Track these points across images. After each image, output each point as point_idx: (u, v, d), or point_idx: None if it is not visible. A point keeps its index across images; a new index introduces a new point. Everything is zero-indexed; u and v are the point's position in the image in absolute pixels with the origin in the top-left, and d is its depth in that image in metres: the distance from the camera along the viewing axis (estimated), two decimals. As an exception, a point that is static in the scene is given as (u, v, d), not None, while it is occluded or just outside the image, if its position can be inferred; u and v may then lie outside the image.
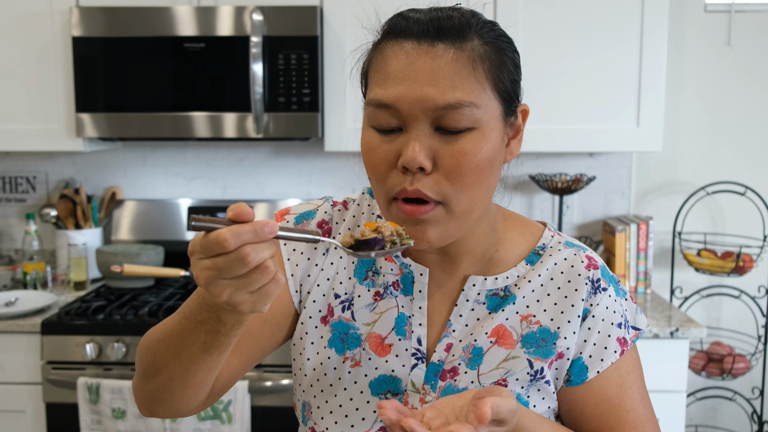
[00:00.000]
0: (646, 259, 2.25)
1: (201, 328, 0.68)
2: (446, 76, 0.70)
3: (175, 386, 0.75)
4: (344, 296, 0.83)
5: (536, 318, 0.80)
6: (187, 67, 2.07)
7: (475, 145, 0.71)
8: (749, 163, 2.42)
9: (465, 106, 0.70)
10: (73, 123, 2.13)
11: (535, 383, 0.80)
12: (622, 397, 0.81)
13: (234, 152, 2.46)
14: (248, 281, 0.60)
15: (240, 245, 0.59)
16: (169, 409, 0.79)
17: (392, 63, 0.72)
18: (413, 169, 0.71)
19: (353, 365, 0.81)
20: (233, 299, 0.61)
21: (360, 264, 0.84)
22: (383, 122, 0.73)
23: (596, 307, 0.80)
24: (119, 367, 1.89)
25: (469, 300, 0.81)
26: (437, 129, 0.72)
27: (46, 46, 2.12)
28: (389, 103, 0.71)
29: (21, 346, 1.92)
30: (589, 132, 2.13)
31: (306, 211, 0.88)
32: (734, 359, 2.19)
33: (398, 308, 0.82)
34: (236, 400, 1.83)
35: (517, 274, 0.82)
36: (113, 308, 1.97)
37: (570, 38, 2.10)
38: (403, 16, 0.75)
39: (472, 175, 0.71)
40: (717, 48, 2.39)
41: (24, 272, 2.23)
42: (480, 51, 0.72)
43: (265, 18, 2.04)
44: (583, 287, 0.81)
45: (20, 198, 2.48)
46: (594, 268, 0.82)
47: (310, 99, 2.07)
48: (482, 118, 0.72)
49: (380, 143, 0.73)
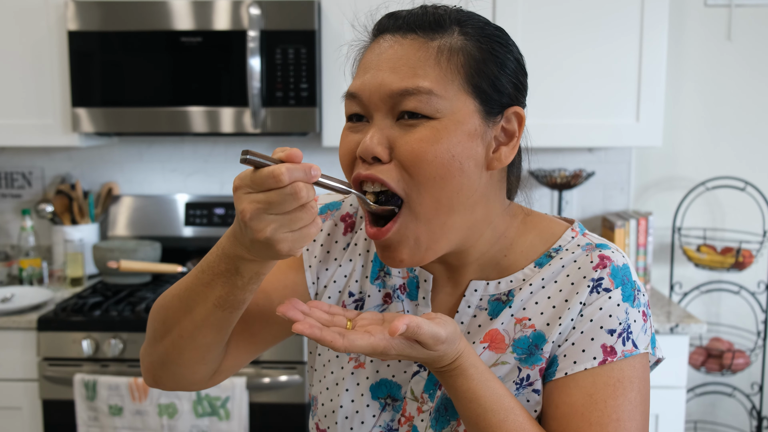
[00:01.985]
0: (645, 255, 2.24)
1: (218, 280, 0.67)
2: (408, 64, 0.69)
3: (184, 345, 0.73)
4: (357, 295, 0.82)
5: (531, 321, 0.74)
6: (184, 62, 2.06)
7: (434, 135, 0.68)
8: (749, 158, 2.41)
9: (423, 92, 0.68)
10: (69, 118, 2.11)
11: (522, 392, 0.74)
12: (589, 409, 0.70)
13: (231, 147, 2.45)
14: (293, 218, 0.61)
15: (293, 181, 0.59)
16: (173, 376, 0.76)
17: (367, 56, 0.73)
18: (368, 158, 0.70)
19: (357, 366, 0.80)
20: (276, 235, 0.61)
21: (375, 263, 0.82)
22: (352, 112, 0.73)
23: (588, 307, 0.73)
24: (116, 363, 1.88)
25: (470, 306, 0.78)
26: (399, 119, 0.70)
27: (41, 41, 2.10)
28: (354, 92, 0.72)
29: (17, 343, 1.91)
30: (588, 127, 2.12)
31: (332, 202, 0.87)
32: (734, 355, 2.18)
33: (404, 312, 0.80)
34: (234, 396, 1.82)
35: (523, 277, 0.76)
36: (110, 304, 1.95)
37: (569, 32, 2.08)
38: (389, 15, 0.75)
39: (430, 168, 0.68)
40: (717, 42, 2.38)
41: (20, 268, 2.22)
42: (457, 44, 0.70)
43: (263, 12, 2.02)
44: (584, 289, 0.73)
45: (16, 194, 2.46)
46: (602, 267, 0.74)
47: (307, 94, 2.05)
48: (444, 109, 0.69)
49: (348, 133, 0.73)
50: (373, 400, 0.79)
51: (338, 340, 0.63)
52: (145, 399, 1.82)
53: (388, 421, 0.78)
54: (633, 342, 0.73)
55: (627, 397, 0.71)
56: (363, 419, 0.78)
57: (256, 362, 1.90)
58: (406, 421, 0.78)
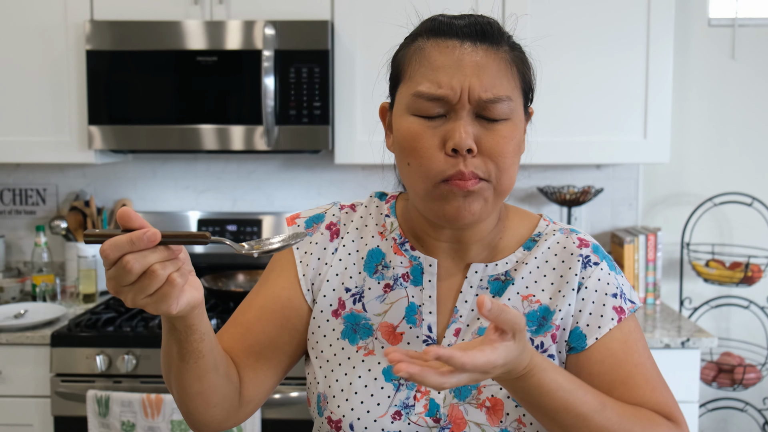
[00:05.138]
0: (654, 270, 2.25)
1: (170, 339, 0.76)
2: (489, 72, 0.79)
3: (183, 399, 0.81)
4: (355, 289, 0.88)
5: (536, 297, 0.85)
6: (199, 81, 2.09)
7: (511, 132, 0.80)
8: (755, 174, 2.44)
9: (504, 100, 0.79)
10: (85, 135, 2.14)
11: None
12: (628, 353, 0.84)
13: (244, 165, 2.48)
14: (141, 286, 0.65)
15: (120, 255, 0.64)
16: (197, 421, 0.84)
17: (439, 58, 0.79)
18: (463, 151, 0.77)
19: (366, 354, 0.85)
20: (136, 303, 0.67)
21: (369, 259, 0.89)
22: (430, 111, 0.79)
23: (588, 280, 0.85)
24: (129, 379, 1.88)
25: (473, 286, 0.86)
26: (477, 117, 0.79)
27: (59, 59, 2.14)
28: (440, 94, 0.78)
29: (29, 359, 1.92)
30: (596, 144, 2.15)
31: (316, 215, 0.93)
32: (745, 369, 2.19)
33: (408, 298, 0.87)
34: (248, 411, 1.82)
35: (516, 259, 0.87)
36: (123, 320, 1.96)
37: (578, 52, 2.12)
38: (443, 19, 0.82)
39: (510, 158, 0.79)
40: (721, 61, 2.42)
41: (33, 284, 2.23)
42: (510, 55, 0.82)
43: (277, 32, 2.06)
44: (575, 264, 0.86)
45: (30, 210, 2.49)
46: (585, 246, 0.88)
47: (320, 112, 2.08)
48: (515, 111, 0.81)
49: (426, 129, 0.79)
50: (386, 382, 0.84)
51: (437, 378, 0.65)
52: (158, 415, 1.82)
53: (404, 399, 0.83)
54: (630, 300, 0.88)
55: (642, 339, 0.87)
56: (379, 401, 0.83)
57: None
58: (422, 396, 0.83)
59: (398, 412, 0.83)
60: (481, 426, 0.81)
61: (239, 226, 2.40)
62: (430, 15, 0.86)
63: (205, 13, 2.13)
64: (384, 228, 0.90)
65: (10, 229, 2.49)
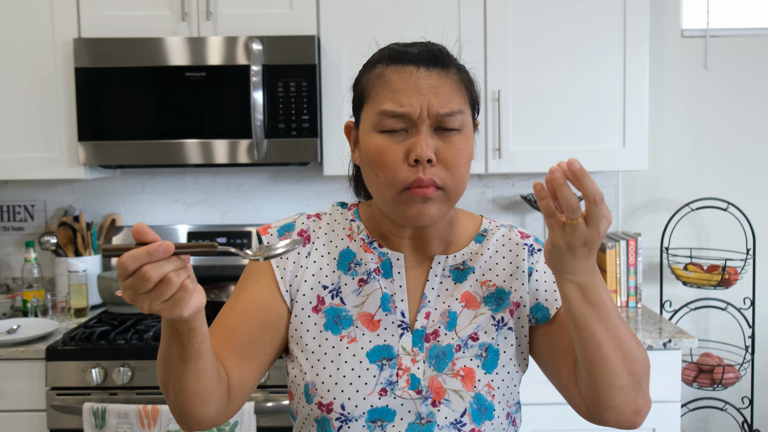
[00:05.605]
0: (636, 275, 2.32)
1: (172, 342, 0.82)
2: (444, 91, 0.91)
3: (181, 398, 0.87)
4: (331, 286, 0.98)
5: (492, 282, 1.00)
6: (188, 96, 2.12)
7: (464, 143, 0.92)
8: (729, 179, 2.52)
9: (457, 113, 0.92)
10: (74, 151, 2.16)
11: (500, 331, 0.99)
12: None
13: (232, 178, 2.51)
14: (158, 293, 0.72)
15: (139, 266, 0.70)
16: (190, 418, 0.90)
17: (398, 82, 0.91)
18: (423, 161, 0.89)
19: (350, 341, 0.96)
20: (153, 309, 0.73)
21: (342, 258, 1.00)
22: (394, 126, 0.91)
23: (537, 264, 1.01)
24: (125, 391, 1.90)
25: (437, 275, 0.99)
26: (436, 130, 0.91)
27: (48, 77, 2.16)
28: (403, 112, 0.90)
29: (24, 373, 1.93)
30: (577, 152, 2.21)
31: (286, 224, 1.03)
32: (724, 369, 2.26)
33: (381, 289, 0.98)
34: (242, 421, 1.85)
35: (471, 251, 1.01)
36: (117, 333, 1.98)
37: (558, 65, 2.19)
38: (398, 48, 0.94)
39: (463, 167, 0.92)
40: (695, 71, 2.51)
41: (24, 300, 2.24)
42: (459, 76, 0.95)
43: (265, 47, 2.10)
44: (523, 252, 1.01)
45: (18, 226, 2.49)
46: (527, 237, 1.04)
47: (308, 125, 2.13)
48: (466, 123, 0.94)
49: (391, 144, 0.91)
50: (371, 363, 0.94)
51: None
52: (154, 426, 1.84)
53: (388, 377, 0.94)
54: None
55: None
56: (366, 381, 0.93)
57: (263, 387, 1.93)
58: (404, 372, 0.94)
59: (384, 389, 0.93)
60: (458, 392, 0.94)
61: (229, 238, 2.43)
62: (391, 42, 0.98)
63: (192, 30, 2.17)
64: (351, 231, 1.02)
65: (-2, 245, 2.50)
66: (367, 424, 0.92)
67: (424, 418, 0.92)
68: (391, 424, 0.92)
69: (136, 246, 0.71)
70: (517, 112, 2.19)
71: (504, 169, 2.19)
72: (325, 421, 0.93)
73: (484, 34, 2.17)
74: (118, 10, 2.16)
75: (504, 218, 2.51)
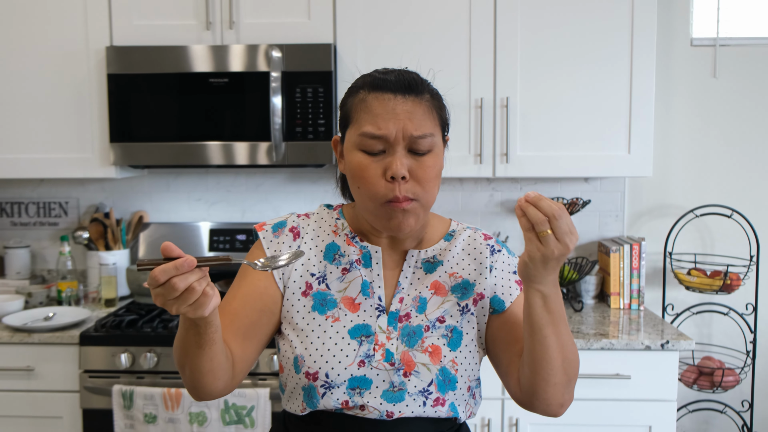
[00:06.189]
0: (639, 278, 2.39)
1: (189, 332, 0.98)
2: (417, 116, 1.05)
3: (196, 376, 1.03)
4: (318, 274, 1.14)
5: (459, 274, 1.15)
6: (212, 101, 2.26)
7: (434, 161, 1.07)
8: (735, 187, 2.57)
9: (428, 136, 1.06)
10: (106, 152, 2.31)
11: (465, 316, 1.13)
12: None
13: (252, 179, 2.64)
14: (184, 299, 0.88)
15: (168, 278, 0.85)
16: (203, 392, 1.06)
17: (378, 108, 1.05)
18: (398, 178, 1.03)
19: (334, 321, 1.11)
20: (179, 311, 0.89)
21: (328, 250, 1.15)
22: (374, 148, 1.05)
23: (496, 262, 1.16)
24: (151, 375, 2.05)
25: (410, 266, 1.15)
26: (409, 151, 1.05)
27: (82, 83, 2.31)
28: (381, 134, 1.04)
29: (59, 357, 2.08)
30: (584, 158, 2.29)
31: (279, 222, 1.18)
32: (723, 372, 2.32)
33: (362, 277, 1.13)
34: (258, 406, 1.98)
35: (440, 247, 1.17)
36: (144, 322, 2.13)
37: (565, 73, 2.27)
38: (378, 76, 1.08)
39: (432, 182, 1.07)
40: (703, 79, 2.56)
41: (58, 290, 2.40)
42: (431, 102, 1.08)
43: (284, 55, 2.22)
44: (486, 251, 1.17)
45: (53, 222, 2.66)
46: (489, 239, 1.19)
47: (324, 129, 2.24)
48: (436, 144, 1.07)
49: (370, 162, 1.05)
50: (352, 339, 1.09)
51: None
52: (177, 408, 1.98)
53: (366, 351, 1.09)
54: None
55: None
56: (347, 354, 1.08)
57: (277, 375, 2.06)
58: (379, 347, 1.09)
59: (362, 361, 1.08)
60: (426, 365, 1.08)
61: (248, 235, 2.56)
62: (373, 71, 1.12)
63: (216, 38, 2.30)
64: (336, 227, 1.17)
65: (34, 239, 2.67)
66: (348, 391, 1.06)
67: (397, 386, 1.07)
68: (368, 391, 1.07)
69: (165, 261, 0.86)
70: (525, 118, 2.27)
71: (511, 173, 2.28)
72: (311, 388, 1.07)
73: (494, 42, 2.26)
74: (147, 20, 2.30)
75: (512, 221, 2.60)
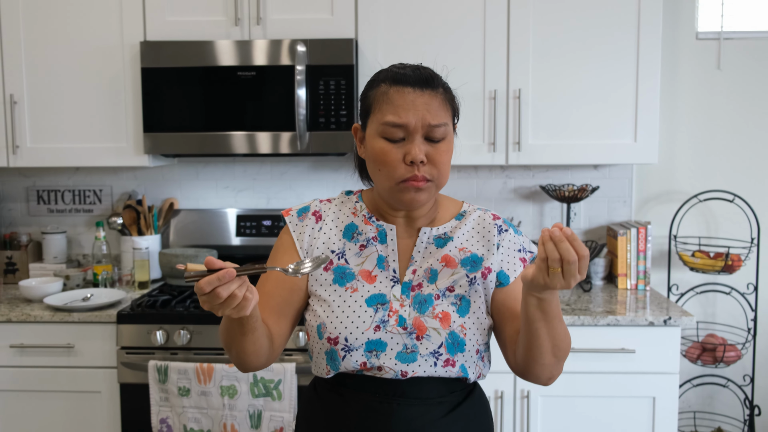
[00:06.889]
0: (645, 260, 2.51)
1: (234, 323, 1.14)
2: (434, 108, 1.18)
3: (241, 356, 1.20)
4: (338, 251, 1.26)
5: (468, 249, 1.26)
6: (239, 93, 2.38)
7: (447, 147, 1.20)
8: (737, 173, 2.68)
9: (443, 125, 1.19)
10: (139, 141, 2.45)
11: (473, 287, 1.24)
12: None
13: (276, 167, 2.77)
14: (227, 304, 1.02)
15: (212, 288, 0.99)
16: (248, 367, 1.23)
17: (399, 100, 1.18)
18: (417, 162, 1.16)
19: (353, 291, 1.23)
20: (224, 312, 1.03)
21: (347, 230, 1.28)
22: (395, 135, 1.17)
23: (503, 240, 1.28)
24: (184, 351, 2.18)
25: (423, 242, 1.26)
26: (426, 138, 1.18)
27: (117, 75, 2.44)
28: (402, 123, 1.17)
29: (98, 335, 2.22)
30: (592, 146, 2.41)
31: (303, 207, 1.32)
32: (725, 348, 2.44)
33: (378, 252, 1.25)
34: (285, 379, 2.12)
35: (451, 225, 1.28)
36: (177, 301, 2.26)
37: (574, 65, 2.39)
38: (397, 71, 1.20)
39: (446, 165, 1.20)
40: (708, 71, 2.67)
41: (94, 273, 2.54)
42: (444, 95, 1.21)
43: (308, 49, 2.35)
44: (494, 230, 1.28)
45: (88, 209, 2.80)
46: (498, 218, 1.30)
47: (346, 119, 2.37)
48: (449, 131, 1.21)
49: (392, 148, 1.18)
50: (368, 307, 1.22)
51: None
52: (209, 381, 2.12)
53: (381, 317, 1.21)
54: (529, 251, 1.30)
55: None
56: (364, 320, 1.21)
57: (303, 350, 2.19)
58: (394, 314, 1.21)
59: (378, 326, 1.20)
60: (436, 329, 1.19)
61: (273, 221, 2.69)
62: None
63: (244, 33, 2.42)
64: (355, 210, 1.30)
65: (70, 225, 2.81)
66: (365, 353, 1.19)
67: (410, 348, 1.19)
68: (383, 353, 1.19)
69: (208, 272, 1.00)
70: (536, 108, 2.39)
71: (523, 160, 2.40)
72: (333, 351, 1.20)
73: (507, 37, 2.38)
74: (179, 16, 2.43)
75: (524, 207, 2.72)
